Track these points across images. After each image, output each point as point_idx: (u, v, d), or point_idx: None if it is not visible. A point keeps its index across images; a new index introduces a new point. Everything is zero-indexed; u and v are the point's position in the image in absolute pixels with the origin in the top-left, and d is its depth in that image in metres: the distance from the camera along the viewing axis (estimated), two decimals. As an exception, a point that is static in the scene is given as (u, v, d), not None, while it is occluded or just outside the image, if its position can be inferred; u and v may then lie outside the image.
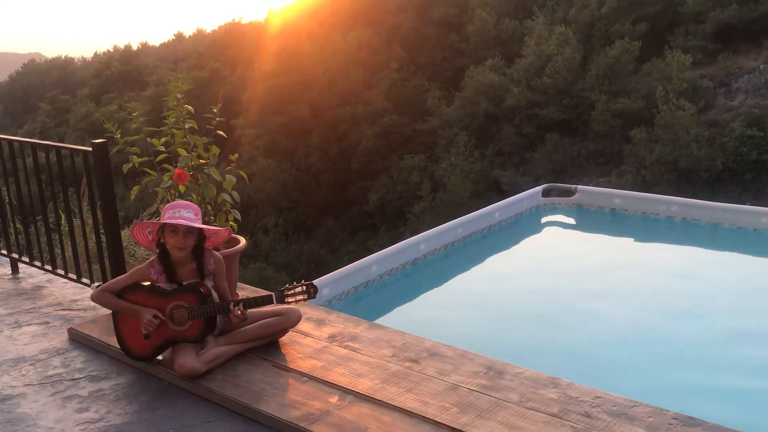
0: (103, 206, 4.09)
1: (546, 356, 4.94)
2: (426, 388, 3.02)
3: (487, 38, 41.35)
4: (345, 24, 45.65)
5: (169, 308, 3.25)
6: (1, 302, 4.45)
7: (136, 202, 5.79)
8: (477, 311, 5.99)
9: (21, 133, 55.52)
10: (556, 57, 34.48)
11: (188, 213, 3.25)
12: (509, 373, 3.15)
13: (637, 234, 8.16)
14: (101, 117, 36.72)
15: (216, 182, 4.06)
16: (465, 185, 33.19)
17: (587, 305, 5.94)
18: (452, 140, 35.90)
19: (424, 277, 6.89)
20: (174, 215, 3.21)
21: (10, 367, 3.54)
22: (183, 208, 3.25)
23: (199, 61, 56.51)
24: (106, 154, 4.01)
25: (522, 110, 35.04)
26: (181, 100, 4.02)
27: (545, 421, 2.75)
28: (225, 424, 2.92)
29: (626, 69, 33.25)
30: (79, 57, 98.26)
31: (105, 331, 3.70)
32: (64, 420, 3.01)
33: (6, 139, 4.68)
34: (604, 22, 35.96)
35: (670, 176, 29.06)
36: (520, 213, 8.46)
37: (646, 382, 4.59)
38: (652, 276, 6.62)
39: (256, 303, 3.31)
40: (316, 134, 41.18)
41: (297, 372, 3.22)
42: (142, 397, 3.18)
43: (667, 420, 2.74)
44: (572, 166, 32.99)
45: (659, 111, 29.94)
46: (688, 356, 5.01)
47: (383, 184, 37.22)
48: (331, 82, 41.73)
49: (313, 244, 37.68)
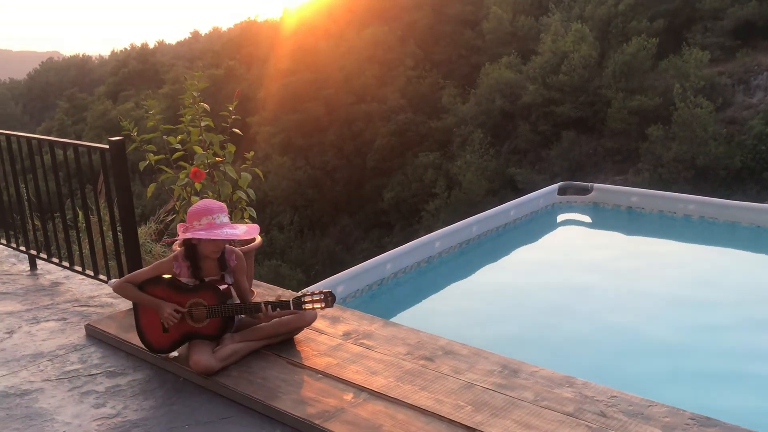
0: (119, 203, 4.12)
1: (562, 355, 4.92)
2: (440, 386, 3.02)
3: (503, 35, 41.18)
4: (360, 21, 45.66)
5: (188, 304, 3.28)
6: (19, 298, 4.50)
7: (152, 199, 5.83)
8: (492, 309, 5.98)
9: (39, 130, 56.13)
10: (572, 54, 34.27)
11: (225, 217, 3.26)
12: (524, 371, 3.13)
13: (654, 233, 8.10)
14: (118, 115, 37.02)
15: (232, 180, 4.08)
16: (480, 183, 33.11)
17: (603, 304, 5.91)
18: (467, 138, 35.82)
19: (438, 275, 6.88)
20: (214, 221, 3.20)
21: (29, 362, 3.58)
22: (220, 212, 3.24)
23: (215, 59, 56.76)
24: (123, 152, 4.04)
25: (538, 108, 34.87)
26: (197, 98, 4.04)
27: (560, 420, 2.74)
28: (240, 421, 2.94)
29: (643, 66, 32.96)
30: (96, 55, 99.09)
31: (122, 327, 3.73)
32: (82, 415, 3.04)
33: (24, 137, 4.74)
34: (621, 19, 35.67)
35: (687, 174, 28.82)
36: (536, 211, 8.42)
37: (662, 381, 4.56)
38: (669, 275, 6.57)
39: (274, 306, 3.33)
40: (332, 132, 41.24)
41: (312, 369, 3.23)
42: (159, 393, 3.20)
43: (684, 420, 2.72)
44: (588, 164, 32.81)
45: (676, 108, 29.67)
46: (705, 356, 4.97)
47: (398, 181, 37.21)
48: (346, 80, 41.75)
49: (328, 241, 37.76)
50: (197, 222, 3.22)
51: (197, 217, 3.23)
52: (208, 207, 3.26)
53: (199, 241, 3.24)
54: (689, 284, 6.28)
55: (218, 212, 3.24)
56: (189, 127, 4.08)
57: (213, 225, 3.20)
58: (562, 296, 6.13)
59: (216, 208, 3.26)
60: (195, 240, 3.25)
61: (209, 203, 3.30)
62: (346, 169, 40.28)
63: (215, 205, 3.28)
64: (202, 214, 3.22)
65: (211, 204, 3.29)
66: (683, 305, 5.80)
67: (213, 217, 3.22)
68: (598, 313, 5.73)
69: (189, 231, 3.23)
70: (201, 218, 3.21)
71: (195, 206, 3.29)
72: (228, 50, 58.68)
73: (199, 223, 3.21)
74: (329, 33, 45.60)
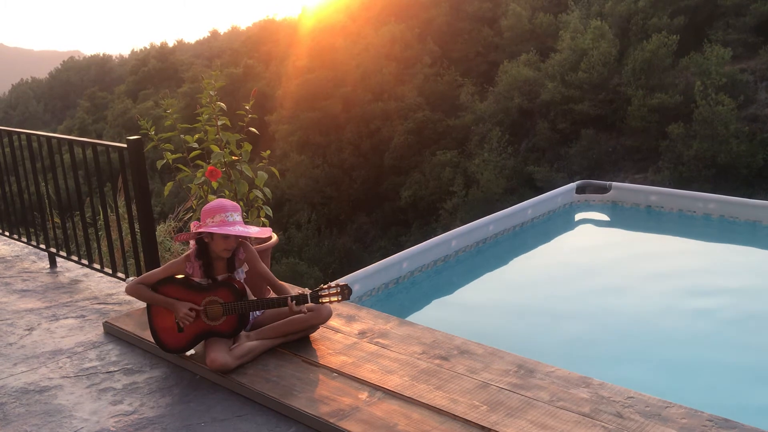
0: (137, 202, 4.16)
1: (578, 355, 4.89)
2: (456, 386, 3.01)
3: (522, 33, 40.95)
4: (378, 19, 45.63)
5: (203, 303, 3.30)
6: (39, 295, 4.55)
7: (171, 197, 5.89)
8: (508, 309, 5.95)
9: (60, 129, 56.80)
10: (591, 51, 33.98)
11: (238, 216, 3.29)
12: (540, 371, 3.12)
13: (673, 232, 8.01)
14: (137, 113, 37.41)
15: (248, 179, 4.10)
16: (498, 181, 32.96)
17: (621, 304, 5.86)
18: (485, 136, 35.65)
19: (455, 274, 6.86)
20: (227, 220, 3.23)
21: (48, 359, 3.62)
22: (233, 210, 3.28)
23: (233, 58, 57.03)
24: (141, 151, 4.07)
25: (557, 105, 34.63)
26: (213, 97, 4.06)
27: (576, 420, 2.72)
28: (255, 419, 2.95)
29: (664, 63, 32.60)
30: (116, 54, 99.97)
31: (139, 325, 3.76)
32: (99, 412, 3.07)
33: (45, 136, 4.80)
34: (641, 16, 35.30)
35: (708, 173, 28.49)
36: (554, 210, 8.37)
37: (680, 382, 4.51)
38: (688, 275, 6.50)
39: (299, 301, 3.34)
40: (349, 130, 41.24)
41: (327, 368, 3.23)
42: (175, 391, 3.22)
43: (702, 422, 2.69)
44: (608, 162, 32.53)
45: (697, 106, 29.33)
46: (725, 357, 4.91)
47: (415, 180, 37.13)
48: (364, 78, 41.72)
49: (346, 239, 37.80)
50: (210, 219, 3.25)
51: (211, 214, 3.25)
52: (222, 205, 3.29)
53: (212, 239, 3.27)
54: (709, 284, 6.21)
55: (231, 210, 3.28)
56: (206, 126, 4.10)
57: (225, 222, 3.23)
58: (579, 296, 6.09)
59: (229, 206, 3.29)
60: (207, 238, 3.28)
61: (223, 202, 3.34)
62: (363, 168, 40.28)
63: (229, 204, 3.31)
64: (216, 211, 3.25)
65: (225, 202, 3.32)
66: (703, 305, 5.74)
67: (226, 214, 3.24)
68: (616, 313, 5.68)
69: (202, 227, 3.26)
70: (214, 215, 3.24)
71: (209, 204, 3.33)
72: (246, 49, 58.95)
73: (212, 220, 3.24)
74: (347, 31, 45.63)
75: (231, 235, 3.24)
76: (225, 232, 3.20)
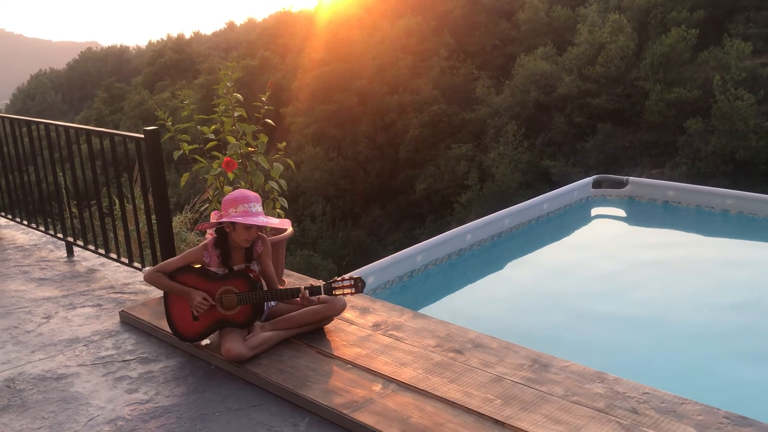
0: (154, 192, 4.18)
1: (593, 350, 4.86)
2: (470, 379, 3.01)
3: (539, 26, 40.70)
4: (394, 11, 45.49)
5: (219, 292, 3.32)
6: (56, 284, 4.60)
7: (187, 188, 5.90)
8: (523, 303, 5.93)
9: (78, 119, 57.19)
10: (609, 45, 33.70)
11: (260, 207, 3.32)
12: (555, 366, 3.11)
13: (691, 227, 7.94)
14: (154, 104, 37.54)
15: (264, 170, 4.11)
16: (514, 175, 32.83)
17: (637, 299, 5.82)
18: (501, 129, 35.50)
19: (469, 268, 6.85)
20: (249, 210, 3.25)
21: (65, 347, 3.66)
22: (255, 201, 3.31)
23: (249, 50, 57.12)
24: (158, 141, 4.09)
25: (573, 99, 34.40)
26: (230, 89, 4.07)
27: (590, 415, 2.71)
28: (269, 409, 2.96)
29: (682, 58, 32.27)
30: (133, 45, 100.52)
31: (155, 314, 3.79)
32: (115, 400, 3.10)
33: (62, 126, 4.83)
34: (660, 10, 34.93)
35: (726, 168, 28.20)
36: (570, 204, 8.32)
37: (696, 378, 4.48)
38: (706, 271, 6.45)
39: (311, 292, 3.35)
40: (364, 122, 41.21)
41: (341, 359, 3.24)
42: (190, 380, 3.24)
43: (718, 419, 2.67)
44: (624, 157, 32.28)
45: (716, 101, 29.02)
46: (742, 353, 4.86)
47: (430, 173, 37.06)
48: (380, 70, 41.65)
49: (360, 232, 37.81)
50: (233, 209, 3.26)
51: (234, 204, 3.27)
52: (245, 195, 3.31)
53: (233, 229, 3.28)
54: (726, 281, 6.15)
55: (254, 201, 3.31)
56: (222, 117, 4.11)
57: (249, 213, 3.26)
58: (594, 291, 6.06)
59: (252, 197, 3.32)
60: (228, 228, 3.29)
61: (246, 192, 3.36)
62: (378, 160, 40.25)
63: (252, 195, 3.33)
64: (239, 201, 3.27)
65: (247, 193, 3.35)
66: (719, 302, 5.69)
67: (249, 205, 3.27)
68: (631, 308, 5.64)
69: (225, 217, 3.27)
70: (237, 206, 3.26)
71: (231, 194, 3.34)
72: (263, 41, 59.01)
73: (236, 210, 3.26)
74: (363, 23, 45.54)
75: (253, 225, 3.26)
76: (249, 222, 3.23)
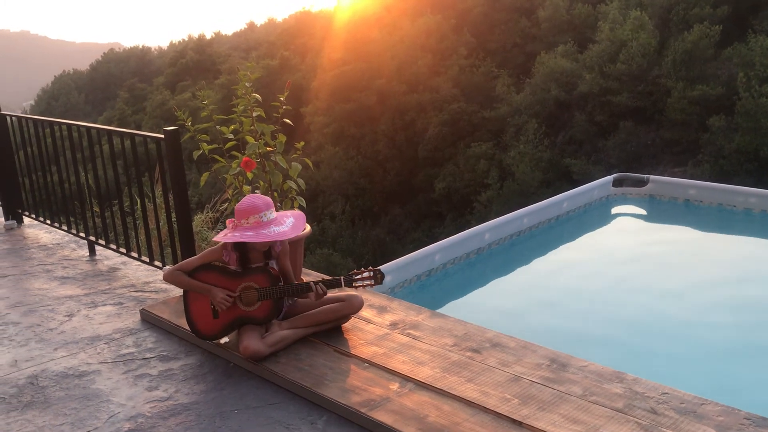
0: (174, 192, 4.22)
1: (612, 350, 4.83)
2: (487, 379, 3.01)
3: (560, 23, 40.39)
4: (413, 10, 45.40)
5: (239, 288, 3.34)
6: (79, 283, 4.66)
7: (207, 187, 5.94)
8: (541, 302, 5.91)
9: (101, 120, 57.80)
10: (630, 42, 33.36)
11: (272, 213, 3.28)
12: (573, 366, 3.09)
13: (712, 226, 7.86)
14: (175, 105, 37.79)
15: (282, 170, 4.13)
16: (534, 174, 32.64)
17: (657, 299, 5.77)
18: (521, 128, 35.31)
19: (488, 267, 6.83)
20: (261, 220, 3.23)
21: (87, 345, 3.70)
22: (266, 210, 3.26)
23: (270, 50, 57.36)
24: (178, 141, 4.12)
25: (594, 97, 34.10)
26: (248, 89, 4.09)
27: (609, 415, 2.69)
28: (287, 407, 2.98)
29: (705, 54, 31.86)
30: (155, 46, 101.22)
31: (175, 312, 3.83)
32: (135, 397, 3.13)
33: (84, 126, 4.89)
34: (683, 6, 34.52)
35: (750, 166, 27.80)
36: (590, 203, 8.27)
37: (718, 378, 4.43)
38: (727, 271, 6.38)
39: (325, 286, 3.37)
40: (383, 122, 41.20)
41: (358, 358, 3.25)
42: (209, 378, 3.27)
43: (739, 420, 2.64)
44: (646, 155, 31.95)
45: (740, 98, 28.60)
46: (764, 353, 4.81)
47: (450, 172, 36.96)
48: (399, 69, 41.61)
49: (379, 231, 37.83)
50: (245, 221, 3.25)
51: (245, 215, 3.25)
52: (254, 205, 3.26)
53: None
54: (748, 280, 6.08)
55: (264, 210, 3.26)
56: (241, 117, 4.14)
57: (260, 224, 3.24)
58: (614, 290, 6.02)
59: (262, 205, 3.26)
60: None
61: (255, 201, 3.29)
62: (397, 159, 40.23)
63: (261, 203, 3.27)
64: (249, 212, 3.24)
65: (256, 201, 3.28)
66: (742, 302, 5.62)
67: (260, 215, 3.24)
68: (651, 308, 5.59)
69: (238, 230, 3.25)
70: (249, 217, 3.25)
71: (241, 204, 3.29)
72: (283, 41, 59.23)
73: (247, 221, 3.24)
74: (382, 22, 45.52)
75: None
76: (261, 239, 3.21)
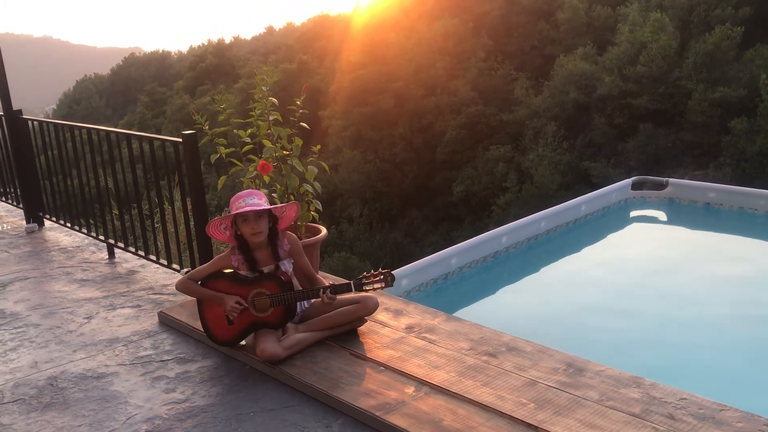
0: (192, 195, 4.25)
1: (630, 355, 4.79)
2: (503, 383, 2.99)
3: (578, 26, 40.20)
4: (431, 13, 45.39)
5: (251, 295, 3.36)
6: (98, 285, 4.71)
7: (226, 191, 5.96)
8: (558, 307, 5.87)
9: (122, 124, 58.38)
10: (650, 44, 33.10)
11: (252, 200, 3.35)
12: (590, 370, 3.07)
13: (733, 230, 7.77)
14: (194, 109, 38.07)
15: (299, 173, 4.15)
16: (553, 177, 32.47)
17: (676, 303, 5.72)
18: (540, 131, 35.16)
19: (505, 271, 6.81)
20: (240, 206, 3.32)
21: (105, 347, 3.74)
22: (247, 197, 3.36)
23: (288, 54, 57.61)
24: (195, 145, 4.16)
25: (614, 100, 33.87)
26: (266, 93, 4.12)
27: (626, 421, 2.67)
28: (303, 410, 2.99)
29: (727, 56, 31.52)
30: (175, 51, 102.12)
31: (192, 315, 3.85)
32: (153, 399, 3.16)
33: (104, 130, 4.95)
34: (704, 7, 34.19)
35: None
36: (608, 206, 8.21)
37: (737, 384, 4.38)
38: (748, 275, 6.30)
39: (336, 290, 3.38)
40: (401, 125, 41.21)
41: (374, 361, 3.25)
42: (226, 381, 3.29)
43: (759, 426, 2.61)
44: (666, 158, 31.67)
45: (762, 100, 28.28)
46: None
47: (468, 175, 36.88)
48: (417, 73, 41.60)
49: (397, 234, 37.83)
50: (229, 210, 3.39)
51: (230, 206, 3.40)
52: (237, 195, 3.41)
53: (238, 228, 3.37)
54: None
55: (245, 197, 3.36)
56: (258, 121, 4.17)
57: (239, 207, 3.34)
58: (632, 295, 5.97)
59: (244, 194, 3.39)
60: (238, 230, 3.38)
61: (240, 193, 3.43)
62: (415, 162, 40.21)
63: (244, 192, 3.41)
64: (233, 202, 3.38)
65: (240, 193, 3.43)
66: (763, 306, 5.55)
67: (240, 201, 3.35)
68: (670, 313, 5.54)
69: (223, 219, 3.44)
70: (232, 206, 3.38)
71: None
72: (301, 44, 59.45)
73: (230, 210, 3.37)
74: (400, 26, 45.54)
75: (248, 216, 3.30)
76: (233, 212, 3.32)
